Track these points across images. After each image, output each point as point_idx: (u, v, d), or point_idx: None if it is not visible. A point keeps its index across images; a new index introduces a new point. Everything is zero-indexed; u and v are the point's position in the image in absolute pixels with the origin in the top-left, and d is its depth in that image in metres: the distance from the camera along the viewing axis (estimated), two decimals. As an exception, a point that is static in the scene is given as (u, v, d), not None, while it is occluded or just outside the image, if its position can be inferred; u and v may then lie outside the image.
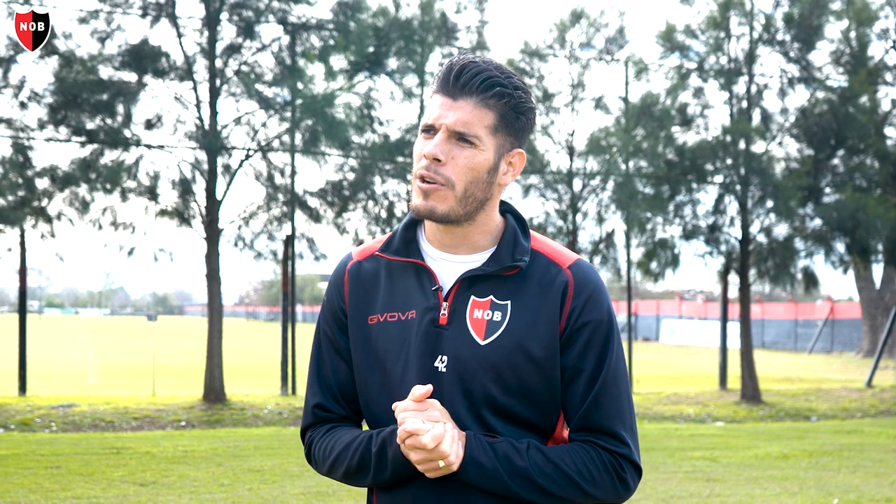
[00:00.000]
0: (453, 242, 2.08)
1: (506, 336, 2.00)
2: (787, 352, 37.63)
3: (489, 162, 2.02)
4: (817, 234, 17.17)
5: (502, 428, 2.02)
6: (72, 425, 12.58)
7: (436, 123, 2.01)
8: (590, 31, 16.71)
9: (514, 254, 2.05)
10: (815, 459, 10.43)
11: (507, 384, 2.00)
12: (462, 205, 2.01)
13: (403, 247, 2.11)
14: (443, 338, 2.02)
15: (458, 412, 2.00)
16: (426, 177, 2.00)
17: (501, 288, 2.04)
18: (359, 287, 2.13)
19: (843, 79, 17.57)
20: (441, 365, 2.02)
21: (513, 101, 2.00)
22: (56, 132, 14.48)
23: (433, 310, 2.04)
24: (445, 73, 2.02)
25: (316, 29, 15.26)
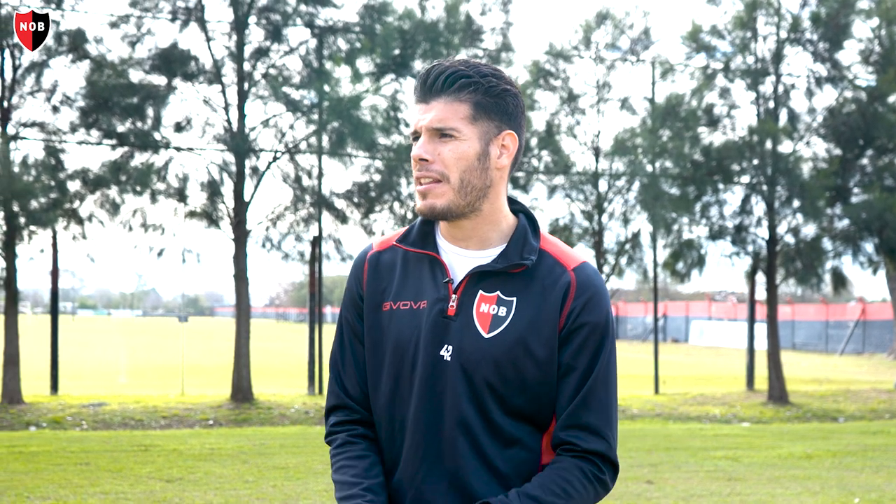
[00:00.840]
0: (463, 236, 2.16)
1: (509, 331, 2.09)
2: (818, 353, 37.37)
3: (475, 149, 2.09)
4: (845, 234, 17.09)
5: (501, 418, 2.10)
6: (102, 423, 12.78)
7: (417, 128, 2.11)
8: (615, 32, 16.74)
9: (522, 252, 2.13)
10: (838, 459, 10.41)
11: (507, 377, 2.09)
12: (461, 195, 2.09)
13: (420, 239, 2.20)
14: (450, 328, 2.12)
15: (460, 400, 2.10)
16: (421, 178, 2.10)
17: (509, 284, 2.13)
18: (376, 275, 2.23)
19: (871, 78, 17.48)
20: (446, 354, 2.11)
21: (482, 88, 2.08)
22: (87, 135, 14.71)
23: (443, 301, 2.13)
24: (419, 81, 2.11)
25: (343, 32, 15.41)
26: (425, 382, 2.12)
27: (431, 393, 2.12)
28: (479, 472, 2.10)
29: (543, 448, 2.16)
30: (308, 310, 17.42)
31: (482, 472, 2.10)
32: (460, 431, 2.10)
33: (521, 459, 2.13)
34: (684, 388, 19.59)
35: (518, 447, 2.12)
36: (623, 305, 51.30)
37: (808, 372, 25.83)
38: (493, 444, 2.11)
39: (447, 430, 2.11)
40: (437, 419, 2.12)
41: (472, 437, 2.10)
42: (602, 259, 16.42)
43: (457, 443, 2.11)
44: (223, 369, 21.97)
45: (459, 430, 2.10)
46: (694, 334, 44.75)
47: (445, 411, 2.11)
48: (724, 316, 44.46)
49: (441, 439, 2.11)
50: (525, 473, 2.13)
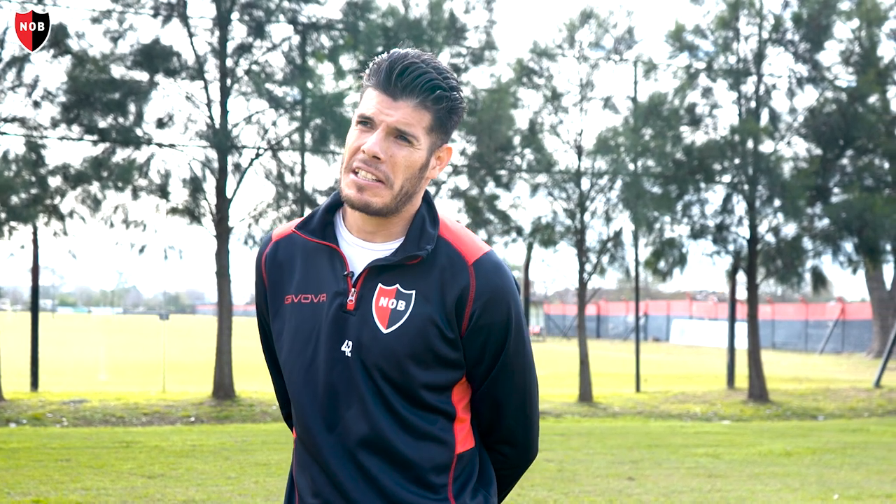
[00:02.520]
0: (373, 230, 2.13)
1: (407, 326, 2.06)
2: (798, 352, 37.60)
3: (423, 160, 2.08)
4: (825, 233, 17.20)
5: (407, 412, 2.08)
6: (82, 420, 12.72)
7: (376, 119, 2.04)
8: (599, 31, 16.77)
9: (419, 242, 2.09)
10: (818, 457, 10.49)
11: (407, 372, 2.06)
12: (396, 200, 2.06)
13: (321, 228, 2.16)
14: (349, 323, 2.08)
15: (363, 397, 2.07)
16: (363, 171, 2.05)
17: (408, 277, 2.09)
18: (276, 268, 2.20)
19: (851, 79, 17.60)
20: (347, 349, 2.08)
21: (450, 104, 2.07)
22: (69, 131, 14.63)
23: (342, 295, 2.10)
24: (387, 70, 2.05)
25: (326, 29, 15.38)
26: (327, 379, 2.09)
27: (333, 389, 2.08)
28: (388, 468, 2.07)
29: (458, 439, 2.14)
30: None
31: (391, 467, 2.08)
32: (365, 427, 2.07)
33: (434, 451, 2.10)
34: (665, 386, 19.67)
35: (429, 440, 2.10)
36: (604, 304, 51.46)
37: (787, 371, 25.99)
38: (401, 437, 2.08)
39: (352, 426, 2.08)
40: (340, 415, 2.09)
41: (377, 432, 2.06)
42: (584, 258, 16.47)
43: (363, 439, 2.07)
44: (204, 367, 21.90)
45: (364, 426, 2.07)
46: (675, 333, 44.93)
47: (349, 407, 2.08)
48: (705, 315, 44.66)
49: (347, 436, 2.08)
50: (440, 465, 2.10)
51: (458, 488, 2.13)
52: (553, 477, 8.87)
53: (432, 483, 2.10)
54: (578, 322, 16.70)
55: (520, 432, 2.24)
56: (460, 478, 2.14)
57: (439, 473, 2.10)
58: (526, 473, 8.85)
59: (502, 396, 2.17)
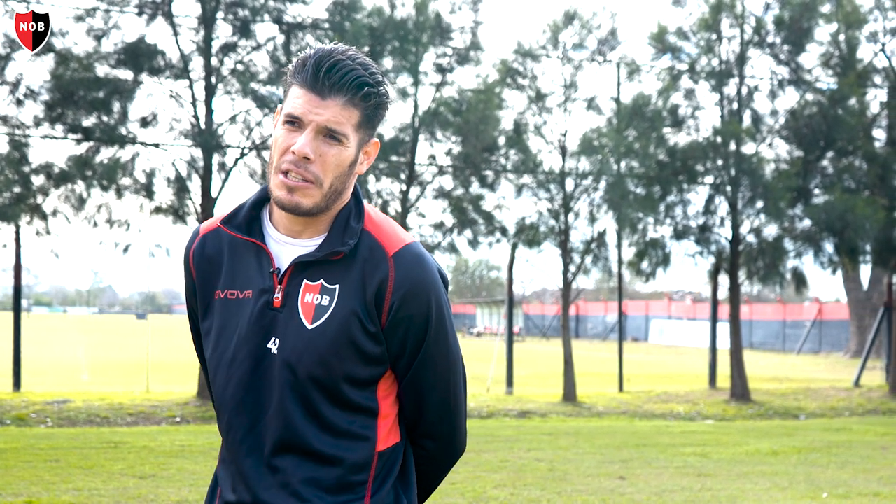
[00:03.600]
0: (301, 227, 2.10)
1: (331, 321, 2.04)
2: (776, 352, 37.86)
3: (352, 157, 2.06)
4: (806, 234, 17.35)
5: (329, 410, 2.06)
6: (67, 420, 12.65)
7: (304, 119, 2.01)
8: (582, 32, 16.84)
9: (342, 237, 2.07)
10: (804, 456, 10.58)
11: (331, 368, 2.04)
12: (326, 198, 2.04)
13: (246, 224, 2.13)
14: (276, 320, 2.06)
15: (284, 394, 2.05)
16: (293, 172, 2.01)
17: (331, 271, 2.07)
18: (203, 263, 2.18)
19: (832, 81, 17.75)
20: (273, 346, 2.06)
21: (377, 100, 2.05)
22: (52, 129, 14.54)
23: (268, 292, 2.08)
24: (314, 68, 2.01)
25: (311, 28, 15.37)
26: (250, 375, 2.07)
27: (256, 386, 2.06)
28: (305, 469, 2.05)
29: (381, 436, 2.12)
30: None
31: (308, 467, 2.05)
32: (285, 425, 2.05)
33: (354, 450, 2.08)
34: (647, 386, 19.77)
35: (350, 437, 2.07)
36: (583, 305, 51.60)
37: (766, 371, 26.18)
38: (321, 436, 2.05)
39: (272, 424, 2.05)
40: (261, 414, 2.06)
41: (296, 431, 2.05)
42: (568, 258, 16.53)
43: (280, 436, 2.05)
44: (185, 366, 21.82)
45: (284, 424, 2.05)
46: (654, 333, 45.14)
47: (269, 405, 2.06)
48: (684, 315, 44.89)
49: (265, 434, 2.06)
50: (361, 461, 2.08)
51: (377, 486, 2.11)
52: (544, 476, 8.91)
53: (350, 482, 2.08)
54: (563, 322, 16.75)
55: (443, 427, 2.21)
56: (380, 475, 2.11)
57: (359, 472, 2.08)
58: (517, 473, 8.90)
59: (424, 390, 2.14)
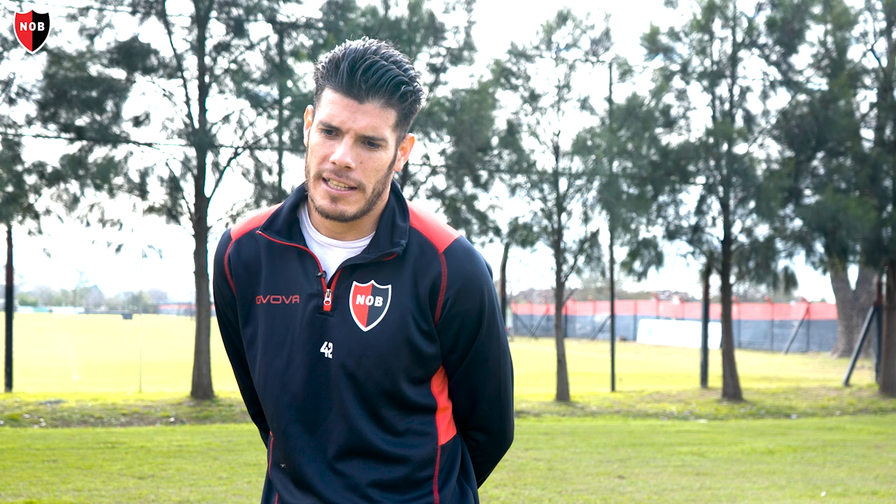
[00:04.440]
0: (343, 229, 2.08)
1: (387, 322, 2.03)
2: (764, 352, 38.00)
3: (391, 157, 2.04)
4: (797, 234, 17.42)
5: (388, 410, 2.06)
6: (61, 421, 12.60)
7: (342, 127, 1.97)
8: (576, 32, 16.87)
9: (392, 238, 2.05)
10: (799, 454, 10.63)
11: (390, 369, 2.03)
12: (369, 203, 2.02)
13: (286, 228, 2.09)
14: (328, 324, 2.04)
15: (344, 399, 2.04)
16: (335, 181, 1.99)
17: (382, 272, 2.05)
18: (241, 268, 2.13)
19: (823, 82, 17.83)
20: (327, 351, 2.05)
21: (414, 97, 2.03)
22: (45, 128, 14.49)
23: (317, 296, 2.05)
24: (348, 70, 1.96)
25: (305, 28, 15.35)
26: (306, 381, 2.05)
27: (313, 392, 2.05)
28: (372, 471, 2.05)
29: (441, 430, 2.12)
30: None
31: (375, 469, 2.05)
32: (347, 429, 2.04)
33: (419, 444, 2.08)
34: (639, 385, 19.83)
35: (413, 434, 2.08)
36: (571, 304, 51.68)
37: (756, 370, 26.28)
38: (384, 436, 2.06)
39: (334, 429, 2.05)
40: (320, 419, 2.05)
41: (360, 434, 2.04)
42: (561, 258, 16.56)
43: (344, 440, 2.05)
44: (177, 366, 21.76)
45: (347, 428, 2.04)
46: (642, 333, 45.26)
47: (329, 410, 2.05)
48: (672, 315, 45.02)
49: (328, 439, 2.05)
50: (425, 457, 2.09)
51: (443, 480, 2.11)
52: (544, 476, 8.93)
53: (417, 479, 2.08)
54: (556, 322, 16.78)
55: (495, 419, 2.21)
56: (444, 469, 2.12)
57: (424, 468, 2.08)
58: (517, 473, 8.92)
59: (477, 383, 2.14)
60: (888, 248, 17.32)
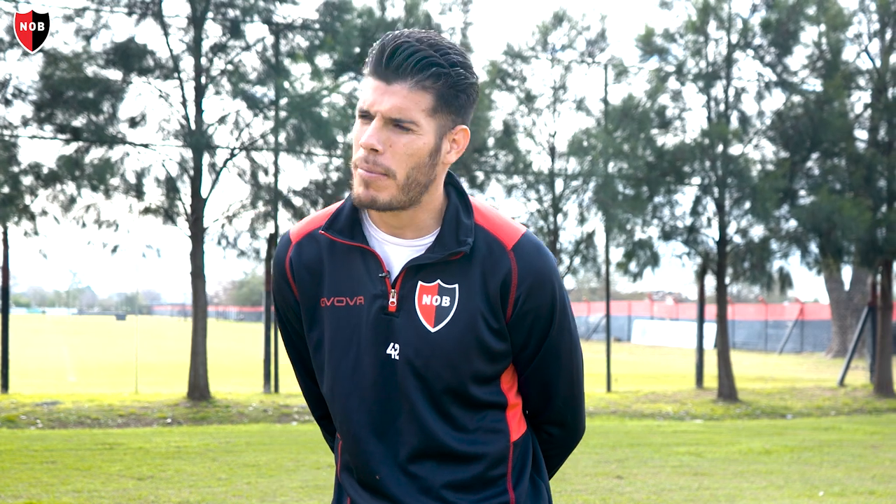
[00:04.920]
0: (399, 224, 2.02)
1: (455, 322, 1.99)
2: (758, 352, 38.08)
3: (429, 145, 1.95)
4: (792, 235, 17.48)
5: (458, 410, 2.03)
6: (58, 422, 12.59)
7: (371, 110, 1.93)
8: (571, 33, 16.91)
9: (457, 236, 2.00)
10: (796, 454, 10.67)
11: (458, 369, 2.00)
12: (405, 192, 1.95)
13: (349, 228, 2.04)
14: (393, 325, 2.00)
15: (414, 400, 2.01)
16: (365, 166, 1.94)
17: (448, 271, 2.01)
18: (303, 271, 2.08)
19: (817, 83, 17.89)
20: (394, 352, 2.01)
21: (451, 80, 1.93)
22: (41, 129, 14.47)
23: (382, 297, 2.01)
24: (378, 54, 1.93)
25: (301, 29, 15.36)
26: (374, 383, 2.02)
27: (382, 394, 2.02)
28: (445, 472, 2.02)
29: (512, 427, 2.10)
30: (263, 308, 17.32)
31: (448, 470, 2.03)
32: (418, 431, 2.01)
33: (491, 442, 2.05)
34: (634, 386, 19.87)
35: (484, 432, 2.05)
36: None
37: (751, 370, 26.34)
38: (456, 436, 2.03)
39: (405, 431, 2.02)
40: (390, 421, 2.02)
41: (432, 435, 2.01)
42: (557, 259, 16.58)
43: (416, 442, 2.02)
44: (173, 367, 21.76)
45: (417, 430, 2.01)
46: (636, 333, 45.33)
47: (399, 412, 2.02)
48: (666, 315, 45.09)
49: (399, 442, 2.02)
50: (498, 455, 2.06)
51: (516, 477, 2.09)
52: (543, 476, 8.94)
53: (491, 477, 2.05)
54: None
55: (568, 413, 2.19)
56: (517, 466, 2.09)
57: (497, 465, 2.06)
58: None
59: (550, 379, 2.12)
60: (883, 248, 17.38)
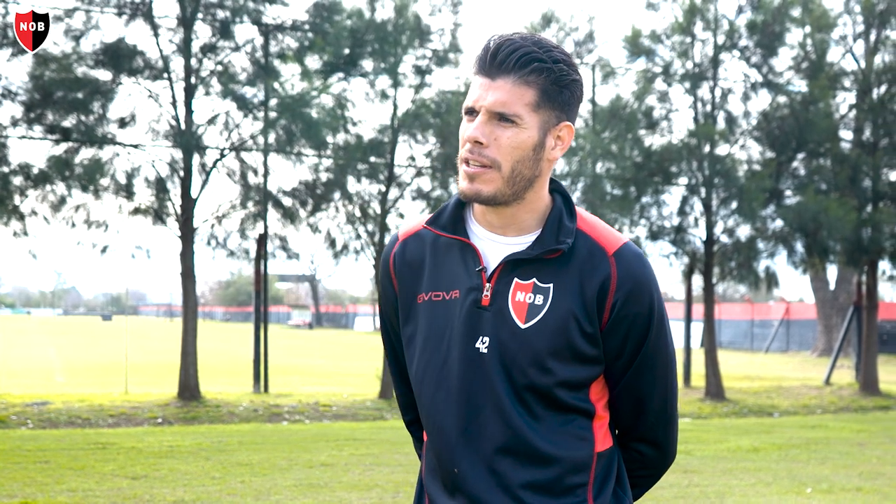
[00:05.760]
0: (501, 223, 2.05)
1: (546, 320, 1.99)
2: (744, 351, 38.29)
3: (533, 139, 1.98)
4: (779, 235, 17.62)
5: (542, 411, 2.01)
6: (48, 422, 12.60)
7: (476, 106, 1.98)
8: (560, 34, 17.01)
9: (558, 236, 2.02)
10: (784, 452, 10.79)
11: (546, 368, 1.99)
12: (510, 185, 1.99)
13: (451, 223, 2.08)
14: (484, 319, 2.02)
15: (499, 395, 2.00)
16: (470, 160, 1.98)
17: (545, 270, 2.02)
18: (405, 267, 2.14)
19: (803, 84, 18.03)
20: (482, 346, 2.01)
21: (553, 76, 1.96)
22: (30, 130, 14.47)
23: (476, 290, 2.03)
24: (483, 52, 1.99)
25: (291, 30, 15.40)
26: (462, 377, 2.02)
27: (469, 388, 2.02)
28: (526, 471, 2.01)
29: (598, 437, 2.07)
30: (253, 308, 17.34)
31: (529, 469, 2.01)
32: (502, 426, 2.00)
33: (574, 446, 2.03)
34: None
35: (567, 436, 2.02)
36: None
37: (737, 369, 26.50)
38: (540, 435, 2.00)
39: (489, 426, 2.01)
40: (476, 415, 2.02)
41: (516, 431, 2.00)
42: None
43: (499, 437, 2.01)
44: (160, 367, 21.77)
45: (501, 425, 2.00)
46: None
47: (484, 407, 2.01)
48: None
49: (482, 436, 2.01)
50: (580, 461, 2.03)
51: (598, 489, 2.06)
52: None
53: (571, 484, 2.03)
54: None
55: (660, 430, 2.15)
56: (599, 478, 2.06)
57: (578, 472, 2.03)
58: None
59: (644, 392, 2.09)
60: (868, 248, 17.54)
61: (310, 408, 14.46)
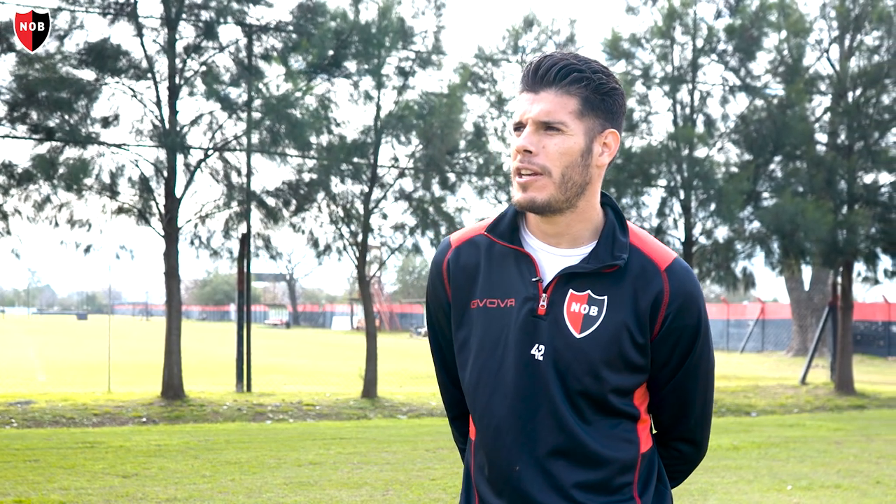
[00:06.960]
0: (555, 233, 2.13)
1: (601, 331, 2.08)
2: (720, 351, 38.61)
3: (580, 145, 2.06)
4: (756, 236, 17.87)
5: (593, 416, 2.12)
6: (33, 421, 12.62)
7: (523, 119, 2.07)
8: (541, 37, 17.18)
9: (613, 251, 2.10)
10: (763, 450, 10.99)
11: (598, 376, 2.09)
12: (562, 191, 2.06)
13: (509, 232, 2.16)
14: (540, 327, 2.10)
15: (554, 400, 2.09)
16: (522, 169, 2.06)
17: (600, 284, 2.11)
18: (459, 273, 2.21)
19: (780, 87, 18.29)
20: (538, 353, 2.09)
21: (593, 84, 2.06)
22: (13, 129, 14.47)
23: (532, 300, 2.10)
24: (526, 71, 2.09)
25: (275, 31, 15.48)
26: (518, 382, 2.11)
27: (525, 393, 2.10)
28: (577, 472, 2.11)
29: (642, 439, 2.19)
30: (236, 307, 17.39)
31: (580, 470, 2.11)
32: (556, 429, 2.10)
33: (623, 449, 2.14)
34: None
35: (616, 439, 2.14)
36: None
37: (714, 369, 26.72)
38: (592, 437, 2.11)
39: (542, 429, 2.10)
40: (531, 418, 2.11)
41: (570, 434, 2.10)
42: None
43: (552, 440, 2.10)
44: (141, 366, 21.77)
45: (555, 428, 2.10)
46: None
47: (538, 411, 2.10)
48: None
49: (536, 438, 2.10)
50: (628, 462, 2.15)
51: (642, 487, 2.18)
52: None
53: (618, 484, 2.14)
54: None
55: (698, 430, 2.28)
56: (643, 477, 2.18)
57: (625, 473, 2.15)
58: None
59: (687, 398, 2.21)
60: (843, 249, 17.81)
61: (293, 407, 14.56)
